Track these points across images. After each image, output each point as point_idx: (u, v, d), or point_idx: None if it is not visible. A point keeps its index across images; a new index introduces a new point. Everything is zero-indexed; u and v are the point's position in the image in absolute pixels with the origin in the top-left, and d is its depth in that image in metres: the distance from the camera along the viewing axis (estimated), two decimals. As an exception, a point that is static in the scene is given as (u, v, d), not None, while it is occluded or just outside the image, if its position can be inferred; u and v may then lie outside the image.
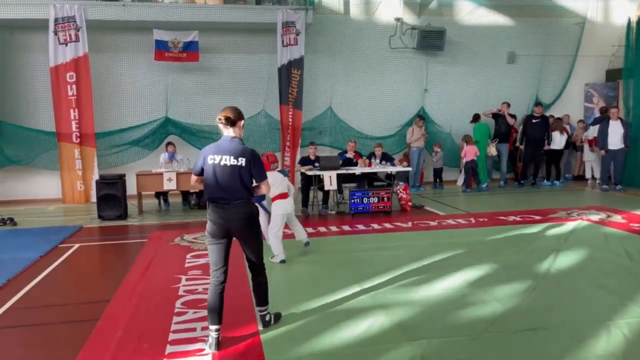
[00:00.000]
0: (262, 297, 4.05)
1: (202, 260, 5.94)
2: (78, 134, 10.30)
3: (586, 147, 11.77)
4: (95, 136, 10.43)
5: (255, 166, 3.77)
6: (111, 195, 8.59)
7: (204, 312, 4.30)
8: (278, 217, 5.93)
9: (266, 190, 3.96)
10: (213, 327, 3.69)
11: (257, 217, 3.97)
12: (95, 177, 10.01)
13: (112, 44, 10.76)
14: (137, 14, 10.10)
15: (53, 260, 6.19)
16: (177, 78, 10.98)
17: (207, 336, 3.74)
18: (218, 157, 3.72)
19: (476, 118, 11.46)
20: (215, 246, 3.80)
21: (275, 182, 5.71)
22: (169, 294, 4.82)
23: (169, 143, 9.95)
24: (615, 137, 10.46)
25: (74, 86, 10.17)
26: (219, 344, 3.66)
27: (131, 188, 9.16)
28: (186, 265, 5.80)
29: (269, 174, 4.23)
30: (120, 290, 4.99)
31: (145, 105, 10.86)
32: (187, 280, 5.23)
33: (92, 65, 10.30)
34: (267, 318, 4.05)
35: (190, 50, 10.43)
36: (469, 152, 10.90)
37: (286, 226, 6.16)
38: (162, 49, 10.32)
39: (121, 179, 8.80)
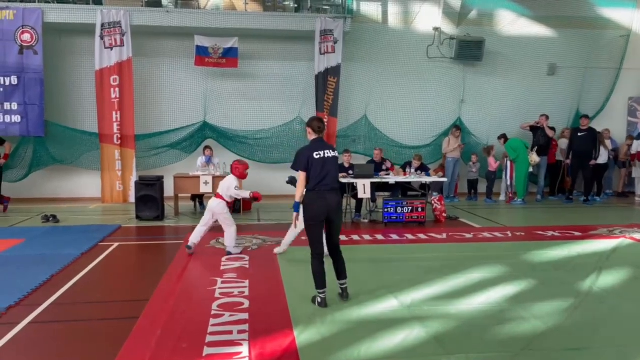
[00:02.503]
0: (344, 271, 4.75)
1: (237, 264, 6.01)
2: (119, 136, 10.60)
3: (637, 162, 11.29)
4: (135, 138, 10.72)
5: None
6: (149, 196, 8.78)
7: (240, 316, 4.37)
8: None
9: None
10: (321, 291, 4.58)
11: None
12: (134, 178, 10.28)
13: (155, 49, 11.05)
14: (179, 20, 10.37)
15: (94, 257, 6.36)
16: (216, 83, 11.18)
17: (317, 297, 4.60)
18: (322, 152, 4.61)
19: (504, 137, 11.20)
20: (319, 225, 4.62)
21: None
22: (206, 295, 4.89)
23: (206, 147, 10.12)
24: (660, 153, 10.11)
25: (117, 89, 10.48)
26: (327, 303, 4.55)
27: (168, 190, 9.35)
28: (222, 268, 5.87)
29: None
30: (158, 290, 5.08)
31: (184, 109, 11.10)
32: (222, 283, 5.29)
33: (135, 69, 10.60)
34: (348, 290, 4.75)
35: (229, 56, 10.62)
36: (491, 163, 11.19)
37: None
38: (202, 55, 10.54)
39: (159, 180, 9.00)
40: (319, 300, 4.60)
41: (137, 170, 10.63)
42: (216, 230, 8.07)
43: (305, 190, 4.66)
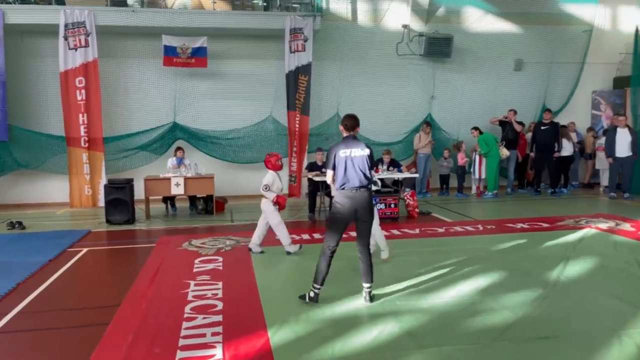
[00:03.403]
0: (372, 275, 4.67)
1: (210, 266, 5.95)
2: (86, 139, 10.37)
3: (601, 154, 11.60)
4: (104, 141, 10.50)
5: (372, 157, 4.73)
6: (119, 199, 8.63)
7: (214, 318, 4.33)
8: None
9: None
10: (317, 286, 4.59)
11: None
12: (103, 181, 10.08)
13: (122, 50, 10.84)
14: (146, 20, 10.19)
15: (62, 264, 6.21)
16: (186, 83, 11.04)
17: (310, 292, 4.62)
18: (349, 151, 4.56)
19: (478, 130, 11.37)
20: (341, 225, 4.60)
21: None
22: (178, 299, 4.83)
23: (178, 148, 9.99)
24: (623, 145, 10.42)
25: (83, 91, 10.25)
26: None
27: (139, 193, 9.20)
28: (194, 270, 5.80)
29: None
30: (129, 294, 5.00)
31: (153, 110, 10.92)
32: (195, 285, 5.23)
33: (101, 70, 10.39)
34: (372, 294, 4.68)
35: (198, 55, 10.49)
36: (460, 158, 11.46)
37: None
38: (170, 55, 10.39)
39: (129, 183, 8.84)
40: (311, 294, 4.60)
41: (106, 173, 10.42)
42: (188, 232, 8.01)
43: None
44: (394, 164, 9.70)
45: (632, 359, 3.52)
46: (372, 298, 4.66)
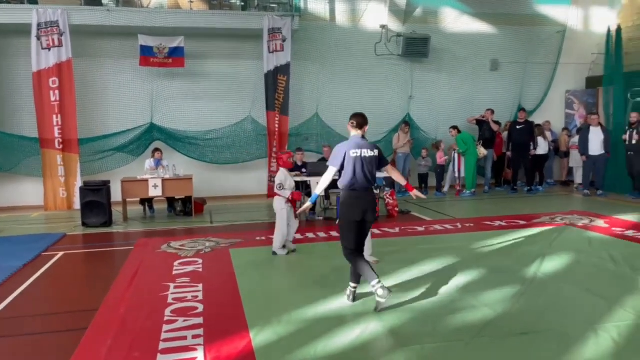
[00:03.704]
0: (359, 276, 4.59)
1: (189, 268, 5.89)
2: (61, 140, 10.16)
3: (575, 152, 11.83)
4: (79, 142, 10.30)
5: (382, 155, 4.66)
6: (95, 202, 8.48)
7: (195, 320, 4.28)
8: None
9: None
10: (353, 285, 4.62)
11: None
12: (79, 183, 9.90)
13: (97, 49, 10.66)
14: (121, 19, 10.03)
15: (37, 268, 6.07)
16: (163, 84, 10.91)
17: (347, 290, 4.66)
18: (359, 151, 4.45)
19: (457, 129, 11.50)
20: (353, 226, 4.52)
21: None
22: (158, 302, 4.76)
23: (156, 149, 9.86)
24: (596, 143, 10.65)
25: (57, 92, 10.04)
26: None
27: (116, 195, 9.05)
28: (174, 272, 5.73)
29: None
30: (107, 298, 4.91)
31: (130, 111, 10.76)
32: (175, 288, 5.17)
33: (76, 71, 10.20)
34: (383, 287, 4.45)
35: (176, 55, 10.38)
36: (439, 157, 11.58)
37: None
38: (147, 55, 10.25)
39: (106, 185, 8.69)
40: (348, 292, 4.66)
41: (82, 175, 10.22)
42: (167, 234, 7.91)
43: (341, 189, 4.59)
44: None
45: (608, 352, 3.60)
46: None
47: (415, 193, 4.97)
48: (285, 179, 6.38)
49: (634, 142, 10.22)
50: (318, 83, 11.66)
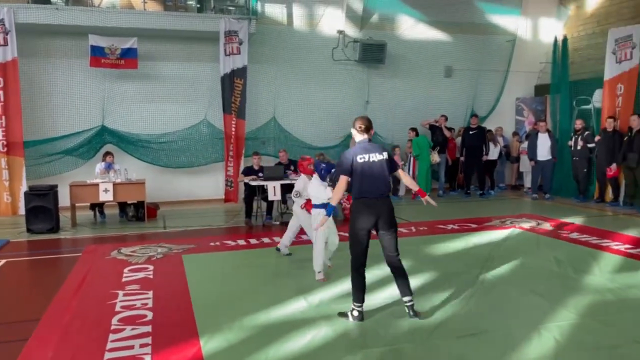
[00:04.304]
0: (408, 287, 4.35)
1: (140, 274, 5.74)
2: (5, 143, 9.71)
3: (524, 157, 12.22)
4: (25, 145, 9.87)
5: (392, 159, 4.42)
6: (41, 207, 8.14)
7: (143, 328, 4.17)
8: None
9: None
10: (359, 304, 4.30)
11: None
12: (24, 188, 9.49)
13: (45, 49, 10.26)
14: (71, 19, 9.69)
15: (-24, 277, 5.78)
16: (115, 85, 10.61)
17: (353, 311, 4.31)
18: (367, 156, 4.23)
19: (415, 132, 11.73)
20: (363, 237, 4.32)
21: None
22: (105, 310, 4.61)
23: (107, 152, 9.56)
24: (544, 148, 11.06)
25: (0, 92, 9.60)
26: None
27: (64, 199, 8.73)
28: (123, 280, 5.57)
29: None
30: (51, 308, 4.72)
31: (80, 112, 10.41)
32: (124, 295, 5.02)
33: (22, 71, 9.80)
34: (415, 307, 4.36)
35: (128, 57, 10.11)
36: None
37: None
38: (98, 55, 9.94)
39: (52, 190, 8.37)
40: (355, 314, 4.30)
41: (28, 179, 9.80)
42: (117, 240, 7.68)
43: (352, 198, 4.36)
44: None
45: (551, 351, 3.73)
46: (416, 313, 4.32)
47: (427, 199, 4.67)
48: (304, 186, 6.14)
49: (578, 148, 10.67)
50: (275, 87, 11.62)
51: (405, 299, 4.34)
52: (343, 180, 4.30)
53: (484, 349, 3.80)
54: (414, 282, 5.35)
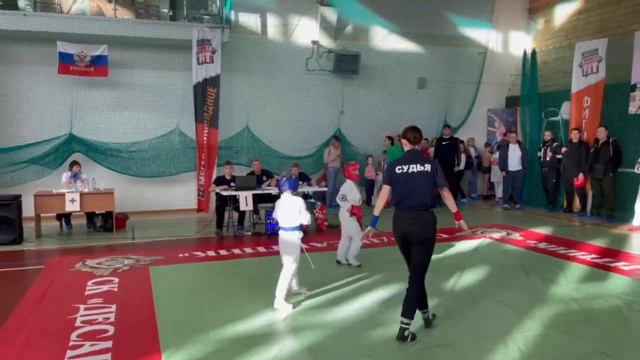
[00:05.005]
0: (411, 309, 4.17)
1: (104, 287, 5.58)
2: (-33, 151, 9.42)
3: (496, 168, 12.39)
4: (-13, 153, 9.59)
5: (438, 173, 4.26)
6: (4, 217, 7.89)
7: (103, 344, 4.04)
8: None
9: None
10: (407, 320, 4.12)
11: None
12: (-13, 198, 9.18)
13: (12, 55, 10.00)
14: (39, 25, 9.47)
15: None
16: (84, 93, 10.40)
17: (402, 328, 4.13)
18: (406, 167, 4.16)
19: (391, 140, 11.79)
20: (402, 247, 4.30)
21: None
22: (64, 325, 4.45)
23: (73, 162, 9.33)
24: (514, 159, 11.24)
25: (-37, 99, 9.33)
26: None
27: (28, 210, 8.47)
28: (86, 293, 5.40)
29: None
30: (8, 323, 4.54)
31: (47, 121, 10.15)
32: (85, 309, 4.87)
33: (-14, 77, 9.54)
34: (430, 317, 4.38)
35: (98, 64, 9.93)
36: (367, 172, 11.78)
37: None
38: (66, 62, 9.73)
39: (16, 199, 8.11)
40: (406, 332, 4.12)
41: (-9, 189, 9.52)
42: (84, 252, 7.47)
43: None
44: (304, 178, 9.74)
45: (515, 362, 3.74)
46: (431, 321, 4.39)
47: (461, 224, 4.58)
48: (349, 191, 6.39)
49: (547, 158, 10.87)
50: (249, 96, 11.56)
51: (402, 319, 4.10)
52: (385, 189, 4.35)
53: (450, 361, 3.79)
54: (383, 293, 5.35)
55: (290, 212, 5.03)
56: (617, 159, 9.60)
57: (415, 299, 4.18)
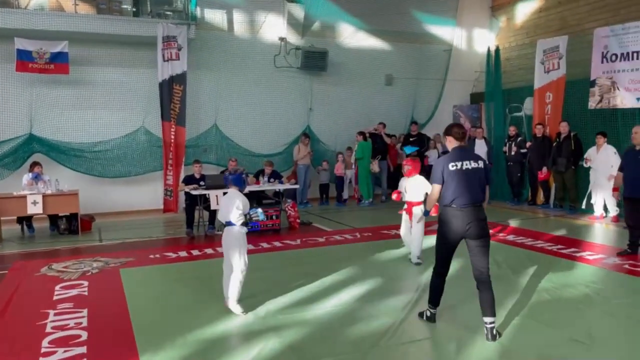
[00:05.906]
0: (491, 307, 4.05)
1: (73, 292, 5.40)
2: None
3: None
4: (-58, 155, 9.13)
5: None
6: (-38, 222, 7.54)
7: (77, 350, 3.91)
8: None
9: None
10: (433, 307, 4.39)
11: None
12: (-58, 201, 8.74)
13: (-35, 52, 9.57)
14: (-6, 20, 9.09)
15: None
16: (44, 91, 10.03)
17: (427, 311, 4.44)
18: (460, 163, 4.06)
19: (363, 136, 11.84)
20: (449, 246, 4.23)
21: None
22: (34, 332, 4.29)
23: (34, 163, 8.98)
24: (481, 154, 11.34)
25: None
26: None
27: (-13, 213, 8.12)
28: (55, 298, 5.22)
29: None
30: (-28, 332, 4.33)
31: (5, 120, 9.74)
32: (55, 315, 4.70)
33: (-63, 75, 9.07)
34: (495, 331, 4.06)
35: (58, 61, 9.58)
36: (338, 168, 11.85)
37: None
38: (25, 60, 9.36)
39: (-25, 203, 7.77)
40: (428, 314, 4.41)
41: (-54, 192, 9.06)
42: (48, 255, 7.21)
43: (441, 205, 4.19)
44: (275, 176, 9.68)
45: (494, 354, 3.81)
46: (494, 336, 3.99)
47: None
48: (400, 185, 6.73)
49: (512, 153, 11.15)
50: (216, 93, 11.40)
51: (487, 319, 4.02)
52: (436, 188, 4.19)
53: (427, 355, 3.83)
54: (360, 288, 5.37)
55: (229, 207, 4.86)
56: (578, 152, 9.92)
57: (493, 298, 4.09)
